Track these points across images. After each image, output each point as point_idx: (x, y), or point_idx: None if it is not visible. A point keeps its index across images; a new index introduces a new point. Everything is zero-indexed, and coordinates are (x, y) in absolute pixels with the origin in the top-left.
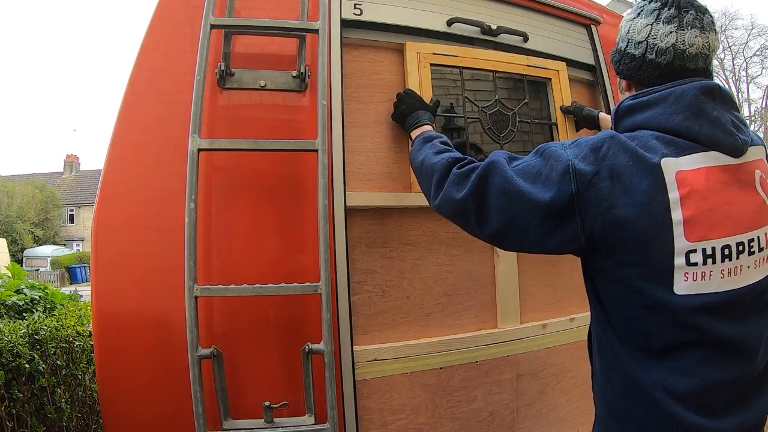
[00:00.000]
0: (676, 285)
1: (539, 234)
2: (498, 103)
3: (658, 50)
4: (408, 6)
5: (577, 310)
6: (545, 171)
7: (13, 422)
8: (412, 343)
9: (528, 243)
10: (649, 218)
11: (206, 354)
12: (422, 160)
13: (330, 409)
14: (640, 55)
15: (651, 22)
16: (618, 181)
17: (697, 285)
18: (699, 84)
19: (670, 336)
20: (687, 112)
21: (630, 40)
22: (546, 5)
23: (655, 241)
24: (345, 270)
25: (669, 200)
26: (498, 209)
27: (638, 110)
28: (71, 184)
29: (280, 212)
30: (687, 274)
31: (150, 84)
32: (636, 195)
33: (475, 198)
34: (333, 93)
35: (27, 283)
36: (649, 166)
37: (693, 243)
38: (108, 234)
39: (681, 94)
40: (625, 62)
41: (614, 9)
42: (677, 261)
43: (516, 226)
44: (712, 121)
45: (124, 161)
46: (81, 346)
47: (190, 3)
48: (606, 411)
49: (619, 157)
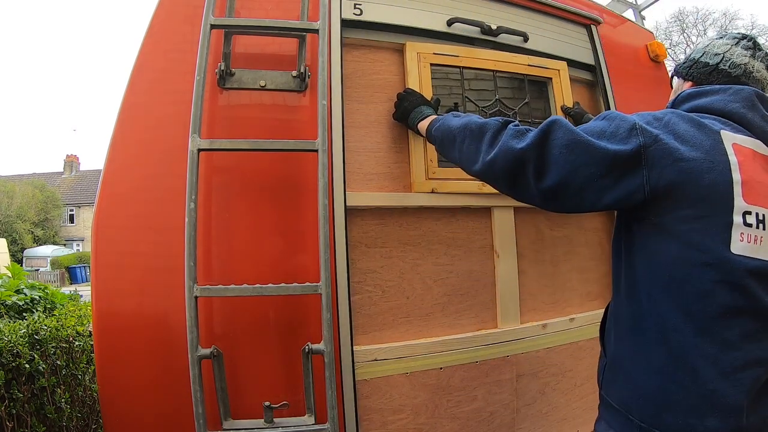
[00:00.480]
0: (733, 243)
1: (601, 186)
2: (499, 103)
3: (731, 64)
4: (408, 6)
5: (577, 310)
6: (610, 129)
7: (13, 422)
8: (412, 343)
9: (587, 197)
10: (712, 174)
11: (206, 354)
12: (464, 124)
13: (330, 409)
14: (714, 64)
15: (732, 44)
16: (682, 140)
17: (751, 248)
18: (754, 89)
19: (722, 299)
20: (744, 102)
21: (707, 52)
22: (546, 5)
23: (719, 194)
24: (345, 270)
25: (730, 162)
26: (560, 161)
27: (699, 96)
28: (71, 184)
29: (280, 212)
30: (743, 234)
31: (150, 84)
32: (699, 152)
33: (537, 147)
34: (333, 93)
35: (27, 283)
36: (711, 131)
37: (749, 205)
38: (108, 234)
39: (740, 90)
40: (697, 68)
41: (614, 9)
42: (736, 219)
43: (577, 178)
44: (763, 116)
45: (124, 161)
46: (81, 346)
47: (190, 3)
48: (630, 395)
49: (680, 125)
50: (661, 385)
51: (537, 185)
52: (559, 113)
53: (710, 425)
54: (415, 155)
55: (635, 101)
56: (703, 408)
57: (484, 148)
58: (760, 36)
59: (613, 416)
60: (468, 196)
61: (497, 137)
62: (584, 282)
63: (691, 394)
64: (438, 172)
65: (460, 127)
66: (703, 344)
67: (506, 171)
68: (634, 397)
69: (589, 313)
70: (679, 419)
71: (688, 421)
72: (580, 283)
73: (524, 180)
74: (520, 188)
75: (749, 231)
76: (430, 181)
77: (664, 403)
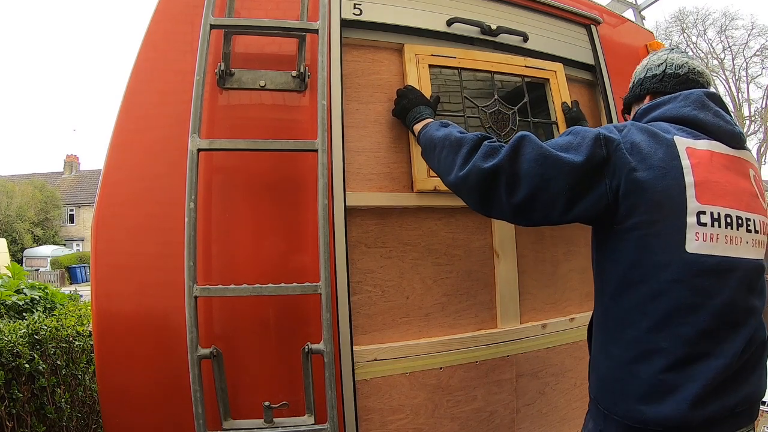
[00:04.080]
0: (688, 243)
1: (569, 198)
2: (497, 103)
3: (675, 66)
4: (408, 6)
5: (577, 310)
6: (576, 141)
7: (13, 422)
8: (411, 343)
9: (556, 208)
10: (665, 180)
11: (206, 354)
12: (445, 135)
13: (330, 409)
14: (660, 72)
15: (666, 53)
16: (637, 151)
17: (707, 246)
18: (702, 90)
19: (675, 297)
20: (694, 105)
21: (649, 68)
22: (546, 5)
23: (672, 199)
24: (345, 270)
25: (682, 166)
26: (530, 176)
27: (654, 108)
28: (71, 184)
29: (280, 212)
30: (698, 233)
31: (150, 84)
32: (653, 161)
33: (508, 165)
34: (333, 93)
35: (27, 283)
36: (664, 141)
37: (703, 205)
38: (108, 234)
39: (689, 94)
40: (647, 80)
41: (614, 9)
42: (689, 219)
43: (546, 192)
44: (715, 113)
45: (124, 161)
46: (81, 346)
47: (190, 3)
48: (597, 386)
49: (637, 135)
50: (617, 375)
51: (509, 200)
52: (559, 113)
53: (661, 412)
54: (415, 155)
55: None
56: (654, 396)
57: (459, 162)
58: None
59: (592, 407)
60: None
61: (472, 154)
62: (584, 282)
63: (642, 384)
64: None
65: (440, 138)
66: (656, 339)
67: (478, 188)
68: (600, 388)
69: (589, 313)
70: (631, 406)
71: (638, 408)
72: (580, 283)
73: (496, 195)
74: (492, 203)
75: (704, 230)
76: (431, 181)
77: (620, 392)
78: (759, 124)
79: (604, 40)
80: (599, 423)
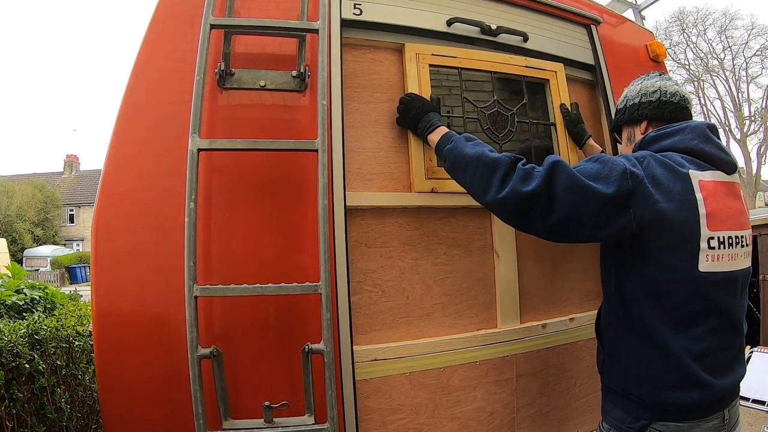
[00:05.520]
0: (700, 264)
1: (597, 223)
2: (496, 104)
3: (669, 94)
4: (408, 6)
5: (577, 310)
6: (605, 171)
7: (13, 422)
8: (412, 343)
9: (586, 231)
10: (682, 211)
11: (206, 354)
12: (478, 155)
13: (330, 409)
14: (656, 99)
15: (658, 80)
16: (658, 184)
17: (714, 264)
18: (704, 123)
19: (692, 306)
20: (700, 138)
21: (644, 94)
22: (546, 5)
23: (688, 227)
24: (345, 270)
25: (696, 199)
26: (564, 201)
27: (663, 138)
28: (71, 184)
29: (280, 212)
30: (708, 255)
31: (150, 84)
32: (673, 194)
33: (544, 191)
34: (333, 93)
35: (27, 283)
36: (681, 175)
37: (712, 231)
38: (108, 234)
39: (695, 127)
40: (644, 106)
41: (614, 9)
42: (702, 245)
43: (577, 216)
44: (716, 145)
45: (124, 161)
46: (81, 346)
47: (190, 3)
48: (629, 381)
49: (657, 168)
50: (653, 372)
51: (543, 222)
52: (558, 114)
53: (693, 396)
54: (415, 155)
55: None
56: (687, 385)
57: (495, 184)
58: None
59: (616, 396)
60: (468, 195)
61: (508, 177)
62: (584, 282)
63: (676, 376)
64: (438, 172)
65: (473, 157)
66: (680, 339)
67: (516, 210)
68: (632, 383)
69: (589, 313)
70: (668, 394)
71: (675, 395)
72: (580, 283)
73: (532, 217)
74: (527, 223)
75: (713, 252)
76: (430, 181)
77: (657, 384)
78: (759, 124)
79: (604, 40)
80: (632, 411)
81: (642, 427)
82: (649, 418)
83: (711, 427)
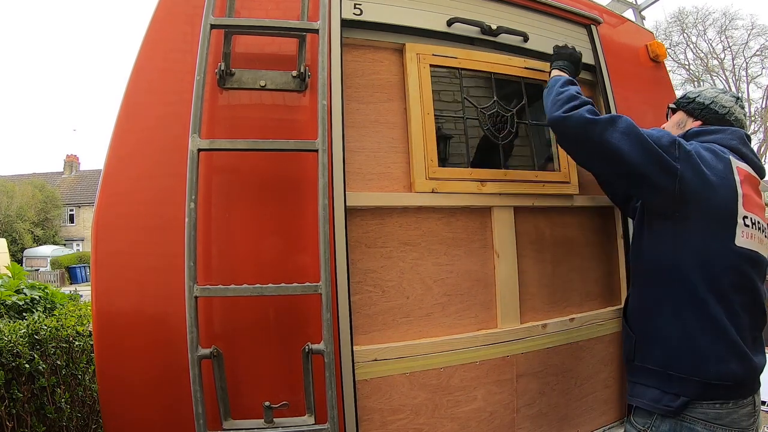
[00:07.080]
0: (737, 238)
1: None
2: (496, 104)
3: (735, 118)
4: (408, 6)
5: (577, 310)
6: (658, 134)
7: (13, 422)
8: (412, 343)
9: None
10: (724, 187)
11: (206, 354)
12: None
13: (330, 409)
14: (722, 114)
15: (733, 101)
16: (704, 161)
17: (748, 242)
18: (744, 132)
19: (730, 278)
20: (739, 141)
21: (716, 103)
22: (546, 5)
23: (729, 203)
24: (345, 270)
25: (735, 180)
26: (620, 141)
27: (707, 134)
28: (71, 184)
29: (280, 212)
30: (743, 231)
31: (150, 84)
32: (716, 170)
33: (604, 126)
34: (333, 93)
35: (27, 283)
36: (723, 158)
37: (746, 211)
38: (108, 234)
39: (735, 131)
40: (708, 113)
41: (614, 9)
42: (740, 220)
43: (628, 160)
44: (750, 150)
45: (124, 161)
46: (81, 346)
47: (190, 3)
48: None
49: (702, 150)
50: (696, 344)
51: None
52: None
53: (732, 368)
54: (415, 155)
55: (635, 101)
56: (728, 356)
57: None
58: (760, 36)
59: (650, 376)
60: (468, 195)
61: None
62: (584, 282)
63: (719, 347)
64: (438, 172)
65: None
66: (723, 311)
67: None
68: (673, 357)
69: (589, 313)
70: (711, 367)
71: (718, 368)
72: (580, 283)
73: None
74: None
75: (747, 230)
76: (430, 181)
77: (702, 355)
78: (759, 124)
79: (604, 40)
80: (672, 387)
81: (682, 405)
82: (689, 395)
83: (746, 414)
